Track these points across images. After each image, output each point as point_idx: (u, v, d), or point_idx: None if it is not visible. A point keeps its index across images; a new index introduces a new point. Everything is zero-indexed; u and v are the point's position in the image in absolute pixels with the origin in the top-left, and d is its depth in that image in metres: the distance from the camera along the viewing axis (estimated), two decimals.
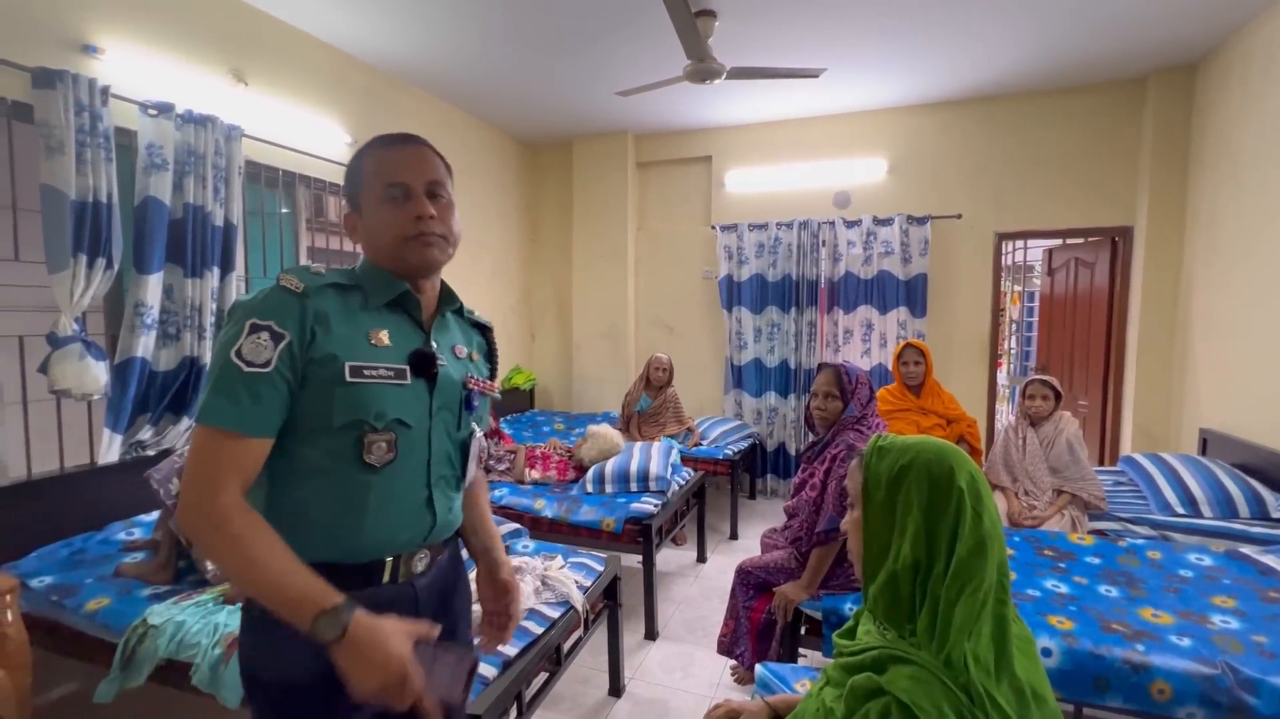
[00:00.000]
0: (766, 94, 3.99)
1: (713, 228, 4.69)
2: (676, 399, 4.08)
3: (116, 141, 2.25)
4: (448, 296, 1.05)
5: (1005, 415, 5.71)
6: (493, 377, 1.13)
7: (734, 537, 3.80)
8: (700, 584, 3.18)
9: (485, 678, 1.48)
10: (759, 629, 2.06)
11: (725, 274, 4.63)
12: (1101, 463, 4.12)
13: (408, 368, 0.93)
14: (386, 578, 0.94)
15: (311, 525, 0.89)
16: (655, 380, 3.99)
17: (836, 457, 1.97)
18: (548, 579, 1.92)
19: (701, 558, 3.45)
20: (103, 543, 2.11)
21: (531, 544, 2.29)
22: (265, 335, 0.84)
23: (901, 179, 4.30)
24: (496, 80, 3.77)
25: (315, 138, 3.17)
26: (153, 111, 2.36)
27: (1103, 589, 1.91)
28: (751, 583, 2.14)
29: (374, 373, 0.89)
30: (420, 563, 0.99)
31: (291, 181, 3.14)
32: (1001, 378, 6.10)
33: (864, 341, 4.35)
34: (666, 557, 3.50)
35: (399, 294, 0.95)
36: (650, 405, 3.99)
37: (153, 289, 2.38)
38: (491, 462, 3.27)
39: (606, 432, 3.25)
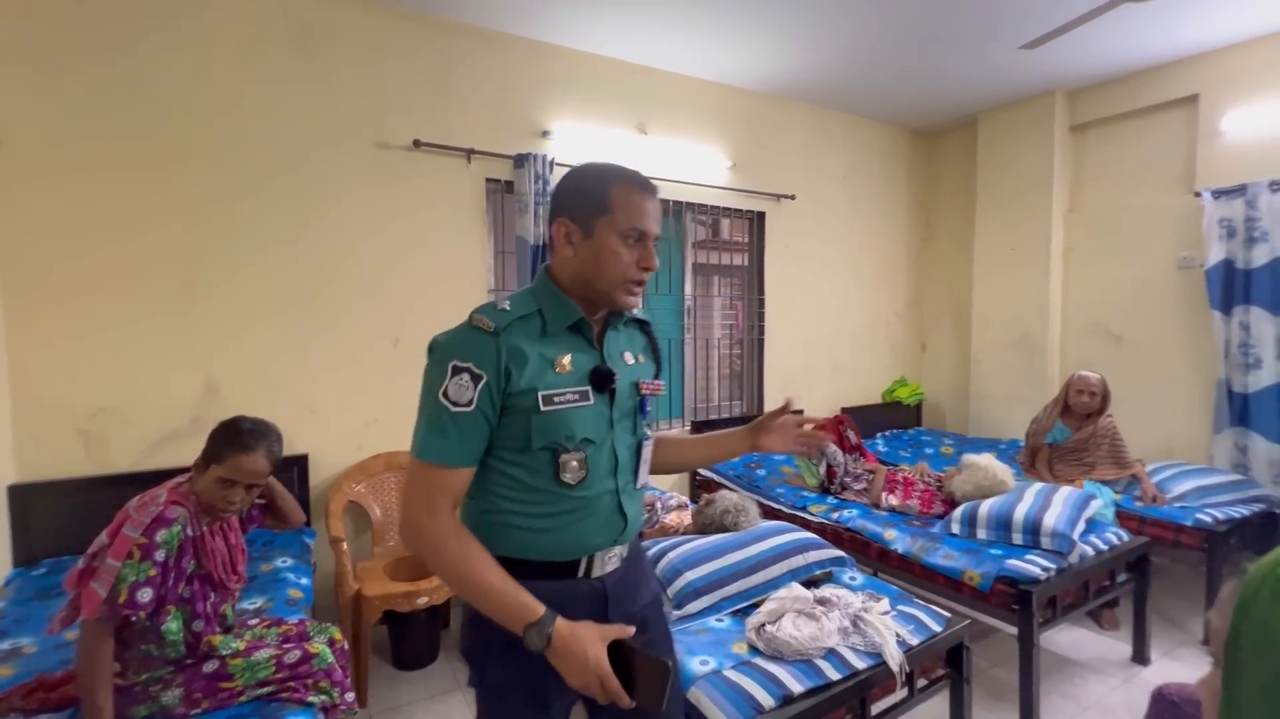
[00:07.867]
0: None
1: (1197, 195, 3.31)
2: (1114, 433, 3.03)
3: None
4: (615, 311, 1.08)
5: None
6: (658, 374, 1.16)
7: (1210, 642, 2.59)
8: (1129, 692, 2.29)
9: (760, 705, 1.42)
10: None
11: (1219, 259, 3.21)
12: None
13: (589, 388, 1.00)
14: (581, 573, 1.02)
15: (514, 530, 0.98)
16: (1078, 407, 3.05)
17: None
18: (861, 621, 1.69)
19: (1140, 657, 2.48)
20: None
21: (860, 578, 2.06)
22: (466, 377, 0.92)
23: None
24: (880, 71, 3.50)
25: (700, 168, 3.56)
26: None
27: None
28: None
29: (562, 398, 0.97)
30: (611, 562, 1.06)
31: (680, 210, 3.61)
32: None
33: None
34: (1080, 640, 2.64)
35: (575, 321, 1.01)
36: (1069, 438, 3.08)
37: None
38: (848, 479, 3.07)
39: (989, 465, 2.66)
